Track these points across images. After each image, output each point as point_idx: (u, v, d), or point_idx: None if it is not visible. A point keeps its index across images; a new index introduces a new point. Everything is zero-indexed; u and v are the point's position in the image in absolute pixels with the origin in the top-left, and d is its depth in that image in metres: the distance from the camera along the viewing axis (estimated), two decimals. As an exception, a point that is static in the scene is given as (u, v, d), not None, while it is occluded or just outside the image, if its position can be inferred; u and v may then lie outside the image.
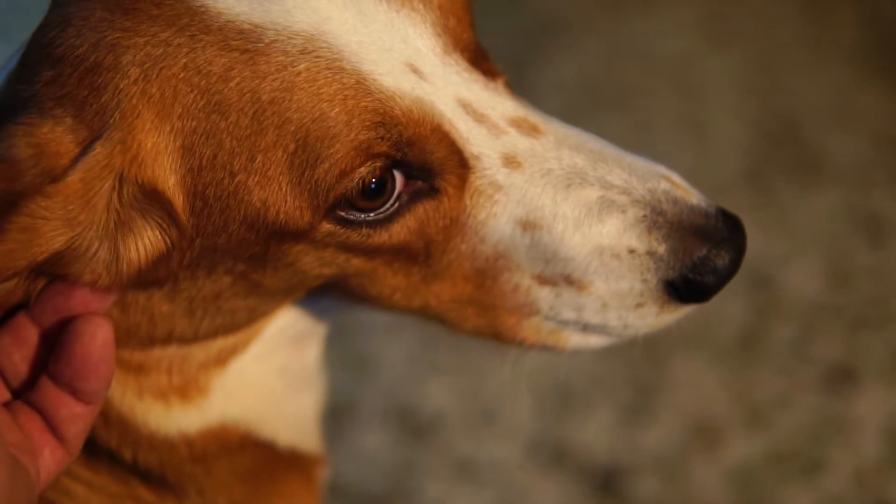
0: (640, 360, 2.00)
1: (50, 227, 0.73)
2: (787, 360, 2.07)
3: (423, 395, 2.02)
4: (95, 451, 0.88)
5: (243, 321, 0.90)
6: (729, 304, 2.13)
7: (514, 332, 0.91)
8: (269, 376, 0.96)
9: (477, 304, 0.89)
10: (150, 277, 0.80)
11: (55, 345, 0.76)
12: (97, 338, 0.75)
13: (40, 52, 0.76)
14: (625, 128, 2.46)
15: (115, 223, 0.76)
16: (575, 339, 0.91)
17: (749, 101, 2.58)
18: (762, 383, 2.03)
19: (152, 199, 0.76)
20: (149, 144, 0.74)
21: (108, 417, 0.87)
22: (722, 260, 0.86)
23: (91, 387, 0.76)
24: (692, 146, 2.46)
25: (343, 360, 1.03)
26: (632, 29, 2.76)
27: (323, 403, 1.05)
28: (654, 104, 2.56)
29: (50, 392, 0.76)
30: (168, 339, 0.87)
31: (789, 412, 1.98)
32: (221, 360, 0.92)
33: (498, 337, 0.92)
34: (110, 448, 0.88)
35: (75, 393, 0.76)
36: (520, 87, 0.91)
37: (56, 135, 0.74)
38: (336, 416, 1.05)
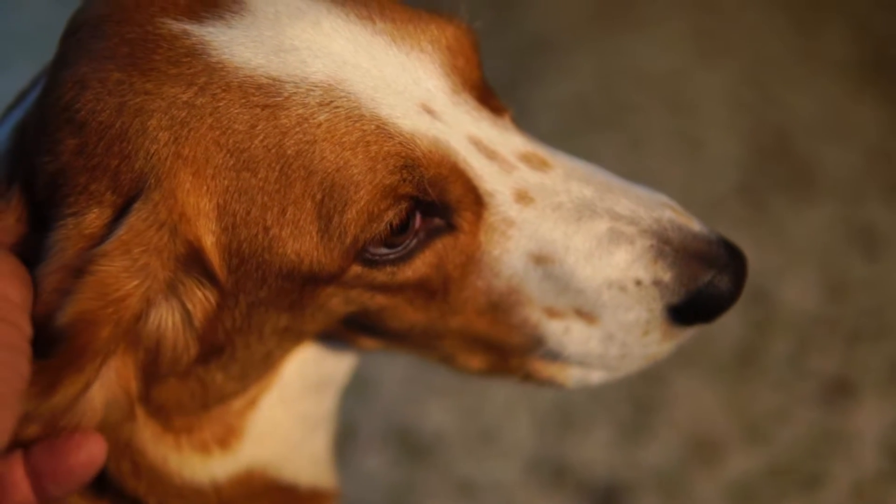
0: (638, 378, 2.00)
1: (116, 273, 0.72)
2: (785, 374, 2.07)
3: (422, 415, 2.02)
4: (122, 498, 0.88)
5: (277, 364, 0.91)
6: (725, 319, 2.12)
7: (521, 367, 0.92)
8: (290, 422, 0.97)
9: (487, 339, 0.90)
10: (211, 342, 0.81)
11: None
12: (94, 456, 0.76)
13: (59, 117, 0.75)
14: (618, 145, 2.47)
15: (175, 277, 0.76)
16: (576, 375, 0.93)
17: (741, 115, 2.59)
18: (760, 398, 2.03)
19: (194, 259, 0.76)
20: (191, 203, 0.74)
21: (139, 467, 0.87)
22: (726, 284, 0.88)
23: (57, 493, 0.76)
24: (685, 162, 2.47)
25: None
26: (623, 46, 2.77)
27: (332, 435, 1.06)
28: (646, 121, 2.57)
29: (16, 471, 0.75)
30: (219, 402, 0.88)
31: (788, 426, 1.99)
32: (254, 401, 0.93)
33: (504, 373, 0.93)
34: (137, 496, 0.88)
35: (38, 488, 0.75)
36: (512, 107, 0.92)
37: (103, 220, 0.74)
38: (337, 439, 1.06)
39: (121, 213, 0.74)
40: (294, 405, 0.96)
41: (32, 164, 0.77)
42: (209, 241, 0.76)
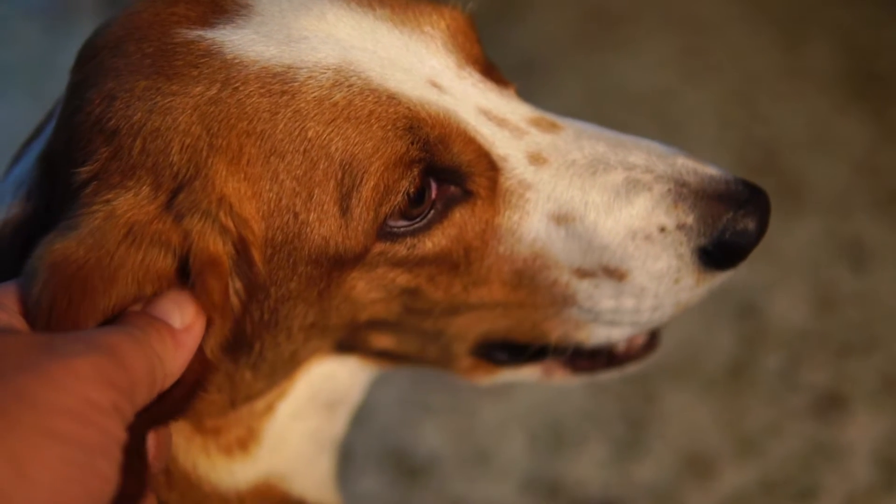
0: (630, 394, 2.01)
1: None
2: (776, 388, 2.08)
3: (417, 436, 2.03)
4: None
5: (303, 364, 0.93)
6: (716, 334, 2.14)
7: (542, 326, 0.92)
8: (302, 436, 0.98)
9: (506, 305, 0.91)
10: (238, 336, 0.81)
11: None
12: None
13: (91, 131, 0.77)
14: (607, 164, 2.48)
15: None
16: (599, 332, 0.93)
17: (728, 132, 2.61)
18: (752, 412, 2.04)
19: (239, 248, 0.78)
20: (231, 189, 0.76)
21: (173, 476, 0.88)
22: (750, 219, 0.89)
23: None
24: (674, 179, 2.48)
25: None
26: (610, 66, 2.79)
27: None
28: (634, 139, 2.58)
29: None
30: (246, 400, 0.90)
31: (780, 440, 2.00)
32: (271, 407, 0.94)
33: (519, 333, 0.93)
34: None
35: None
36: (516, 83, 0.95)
37: (150, 207, 0.75)
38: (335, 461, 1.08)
39: (170, 200, 0.75)
40: (307, 420, 0.98)
41: (64, 180, 0.78)
42: (256, 228, 0.78)
